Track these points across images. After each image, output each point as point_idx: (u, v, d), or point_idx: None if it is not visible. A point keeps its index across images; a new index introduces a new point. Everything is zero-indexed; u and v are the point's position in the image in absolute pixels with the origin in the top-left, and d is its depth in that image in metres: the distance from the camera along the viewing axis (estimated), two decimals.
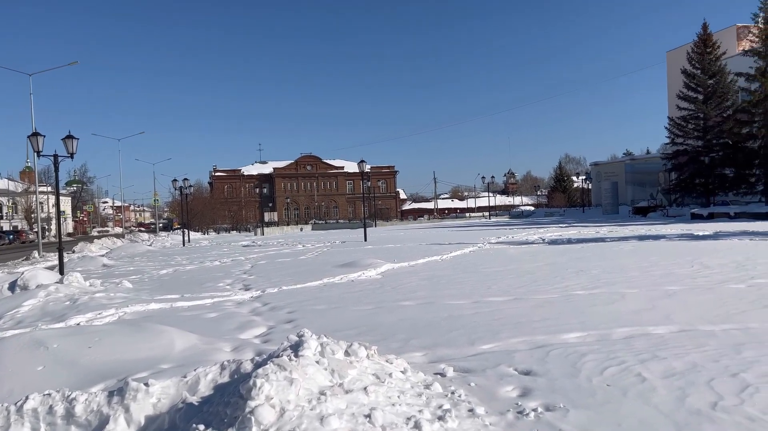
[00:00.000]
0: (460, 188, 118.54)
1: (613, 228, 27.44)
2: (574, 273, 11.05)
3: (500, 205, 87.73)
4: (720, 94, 41.15)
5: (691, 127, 42.45)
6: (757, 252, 13.23)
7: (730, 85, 40.83)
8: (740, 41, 48.46)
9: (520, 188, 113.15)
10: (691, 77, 42.36)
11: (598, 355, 5.06)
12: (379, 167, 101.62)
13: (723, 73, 41.21)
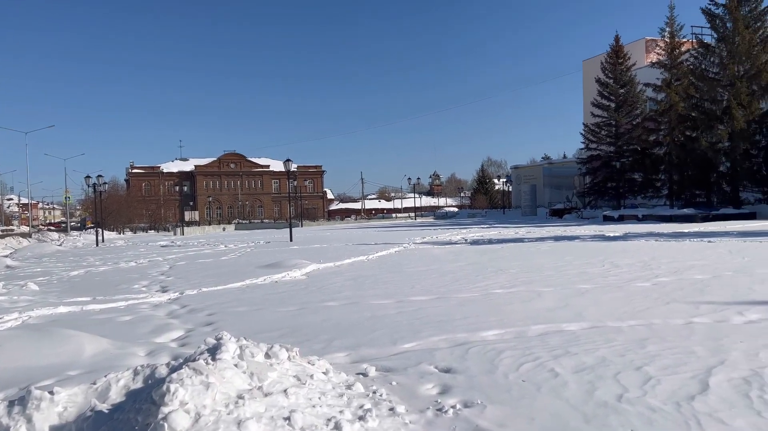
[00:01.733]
0: (387, 189, 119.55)
1: (531, 229, 28.51)
2: (494, 272, 11.38)
3: (426, 206, 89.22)
4: (630, 102, 43.68)
5: (604, 133, 44.79)
6: (662, 253, 14.11)
7: (639, 95, 43.40)
8: (648, 54, 51.58)
9: (444, 190, 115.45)
10: (604, 86, 44.71)
11: (514, 352, 5.23)
12: (306, 166, 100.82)
13: (633, 83, 43.76)
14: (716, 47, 35.76)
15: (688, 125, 36.92)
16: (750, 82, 34.04)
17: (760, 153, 34.79)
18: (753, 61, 33.97)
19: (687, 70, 37.59)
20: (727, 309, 6.76)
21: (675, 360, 4.76)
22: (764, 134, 34.60)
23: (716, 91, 35.59)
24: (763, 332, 5.63)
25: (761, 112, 33.99)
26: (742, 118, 33.13)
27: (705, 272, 10.14)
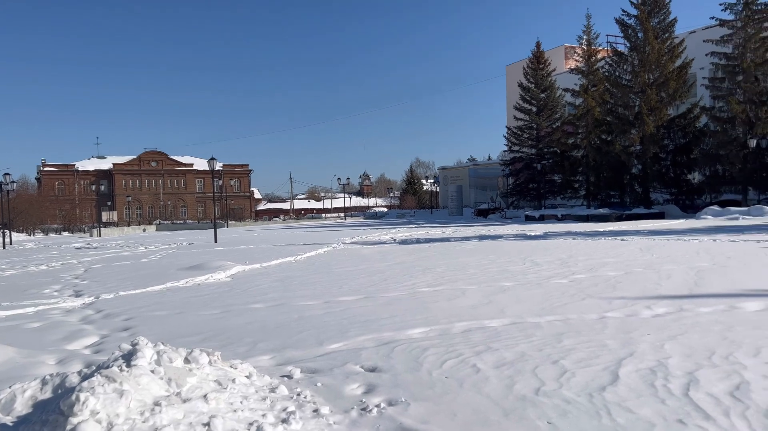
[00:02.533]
0: (316, 189, 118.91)
1: (457, 229, 29.14)
2: (421, 271, 11.55)
3: (356, 206, 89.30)
4: (550, 107, 45.50)
5: (526, 136, 46.43)
6: (578, 251, 14.77)
7: (559, 99, 45.31)
8: (567, 60, 53.94)
9: (374, 190, 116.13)
10: (526, 90, 46.34)
11: (438, 349, 5.32)
12: (233, 165, 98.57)
13: (553, 88, 45.61)
14: (629, 56, 37.84)
15: (604, 129, 38.86)
16: (659, 89, 36.23)
17: (668, 156, 37.10)
18: (662, 70, 36.17)
19: (602, 76, 39.57)
20: (636, 304, 7.15)
21: (589, 353, 4.99)
22: (672, 138, 36.94)
23: (629, 97, 37.65)
24: (669, 324, 5.99)
25: (669, 118, 36.26)
26: (652, 123, 35.22)
27: (618, 269, 10.69)
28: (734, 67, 33.02)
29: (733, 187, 33.83)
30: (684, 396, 3.83)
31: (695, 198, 36.79)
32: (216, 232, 29.12)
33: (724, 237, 17.20)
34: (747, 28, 32.40)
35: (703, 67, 36.00)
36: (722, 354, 4.80)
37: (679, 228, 22.25)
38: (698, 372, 4.33)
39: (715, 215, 28.34)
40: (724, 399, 3.75)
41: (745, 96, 32.38)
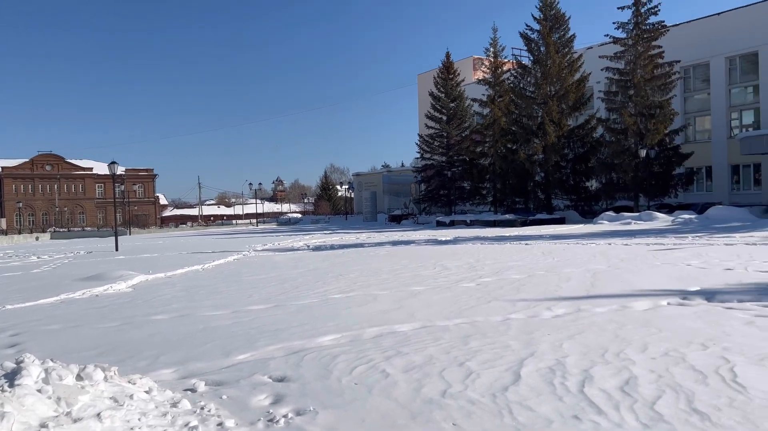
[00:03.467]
0: (227, 194, 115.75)
1: (371, 235, 29.33)
2: (334, 277, 11.50)
3: (268, 212, 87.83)
4: (460, 116, 46.87)
5: (437, 144, 47.55)
6: (486, 255, 15.27)
7: (468, 109, 46.76)
8: (476, 71, 55.83)
9: (288, 196, 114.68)
10: (437, 99, 47.50)
11: (349, 356, 5.30)
12: (136, 170, 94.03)
13: (462, 98, 47.03)
14: (532, 68, 39.71)
15: (510, 138, 40.51)
16: (560, 101, 38.27)
17: (568, 165, 39.21)
18: (562, 83, 38.24)
19: (508, 87, 41.27)
20: (538, 305, 7.48)
21: (493, 354, 5.15)
22: (571, 148, 39.07)
23: (532, 108, 39.50)
24: (567, 325, 6.31)
25: (569, 128, 38.36)
26: (553, 133, 37.12)
27: (522, 272, 11.15)
28: (626, 82, 35.46)
29: (626, 193, 36.23)
30: (579, 392, 4.04)
31: (593, 204, 39.09)
32: (117, 240, 27.63)
33: (618, 241, 18.38)
34: (637, 46, 34.91)
35: (599, 80, 38.41)
36: (614, 351, 5.11)
37: (578, 233, 23.55)
38: (593, 369, 4.58)
39: (611, 220, 30.26)
40: (614, 393, 3.99)
41: (636, 109, 34.84)
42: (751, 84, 36.91)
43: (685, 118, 39.12)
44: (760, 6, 35.69)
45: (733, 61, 37.52)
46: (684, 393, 3.93)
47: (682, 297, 7.65)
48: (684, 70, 38.58)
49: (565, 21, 38.98)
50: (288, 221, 65.46)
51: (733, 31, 36.61)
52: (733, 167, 37.67)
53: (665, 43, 35.07)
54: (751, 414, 3.50)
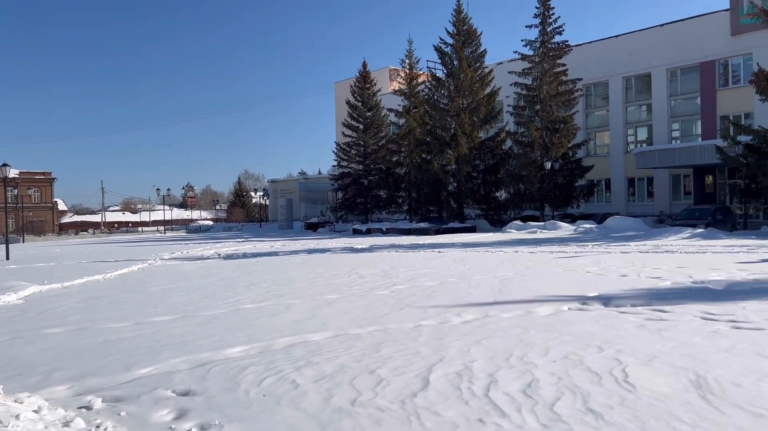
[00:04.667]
0: (133, 200, 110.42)
1: (286, 243, 28.93)
2: (246, 287, 11.24)
3: (178, 219, 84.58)
4: (376, 125, 47.35)
5: (354, 152, 47.77)
6: (400, 262, 15.47)
7: (384, 119, 47.34)
8: (392, 82, 56.65)
9: (199, 202, 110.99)
10: (354, 108, 47.75)
11: (258, 367, 5.19)
12: (32, 173, 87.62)
13: (378, 108, 47.56)
14: (446, 81, 40.80)
15: (424, 149, 41.35)
16: (472, 114, 39.54)
17: (479, 175, 40.52)
18: (474, 96, 39.55)
19: (423, 99, 42.17)
20: (448, 312, 7.65)
21: (404, 361, 5.21)
22: (482, 159, 40.43)
23: (446, 119, 40.55)
24: (475, 330, 6.49)
25: (480, 140, 39.70)
26: (465, 144, 38.28)
27: (434, 279, 11.38)
28: (533, 97, 37.19)
29: (532, 203, 37.90)
30: (485, 396, 4.16)
31: (502, 213, 40.60)
32: (8, 248, 25.62)
33: (525, 249, 19.18)
34: (543, 63, 36.73)
35: (508, 95, 40.07)
36: (518, 355, 5.31)
37: (488, 241, 24.36)
38: (498, 373, 4.73)
39: (518, 229, 31.54)
40: (517, 396, 4.14)
41: (542, 123, 36.60)
42: (645, 103, 39.77)
43: (586, 132, 41.52)
44: (651, 31, 38.62)
45: (629, 80, 40.30)
46: (581, 393, 4.14)
47: (581, 303, 8.07)
48: (586, 88, 41.00)
49: (477, 36, 40.39)
50: (198, 228, 63.27)
51: (628, 53, 39.36)
52: (629, 180, 40.36)
53: (569, 62, 37.13)
54: (639, 412, 3.73)
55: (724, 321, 6.48)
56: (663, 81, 38.24)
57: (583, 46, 40.82)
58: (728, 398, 3.93)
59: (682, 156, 33.12)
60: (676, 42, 37.16)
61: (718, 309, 7.18)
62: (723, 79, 36.07)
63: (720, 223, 26.95)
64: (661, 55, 37.91)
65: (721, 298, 7.99)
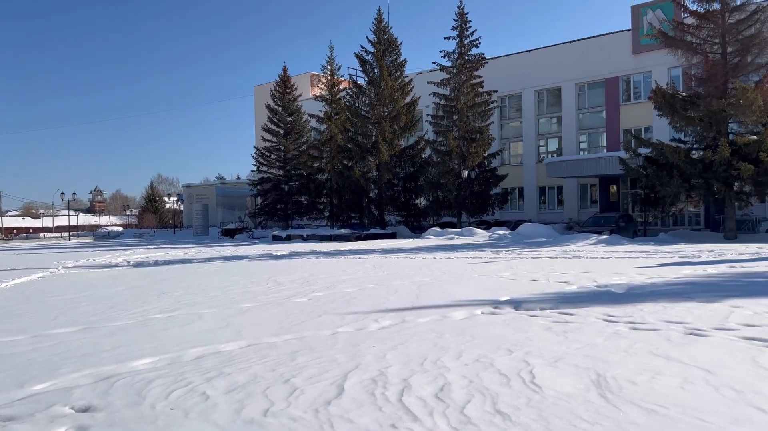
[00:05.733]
0: (34, 205, 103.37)
1: (201, 250, 28.05)
2: (156, 296, 10.78)
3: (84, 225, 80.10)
4: (297, 130, 46.94)
5: (274, 157, 47.09)
6: (320, 269, 15.37)
7: (305, 124, 47.01)
8: (313, 87, 56.39)
9: (108, 207, 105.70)
10: (274, 112, 47.13)
11: (166, 379, 4.98)
12: None
13: (299, 113, 47.19)
14: (367, 89, 41.12)
15: (346, 155, 41.42)
16: (392, 122, 40.05)
17: (400, 182, 41.06)
18: (394, 104, 40.09)
19: (344, 106, 42.27)
20: (366, 318, 7.67)
21: (319, 369, 5.17)
22: (403, 167, 41.01)
23: (367, 127, 40.84)
24: (392, 336, 6.54)
25: (401, 148, 40.27)
26: (386, 152, 38.69)
27: (353, 286, 11.39)
28: (451, 107, 38.16)
29: (450, 210, 38.83)
30: (398, 401, 4.19)
31: (422, 220, 41.33)
32: None
33: (443, 254, 19.60)
34: (461, 74, 37.79)
35: (428, 104, 40.90)
36: (432, 359, 5.40)
37: (408, 247, 24.71)
38: (412, 378, 4.79)
39: (437, 235, 32.20)
40: (430, 400, 4.20)
41: (460, 133, 37.61)
42: (556, 115, 41.78)
43: (501, 142, 43.07)
44: (561, 47, 40.69)
45: (541, 94, 42.22)
46: (490, 395, 4.26)
47: (494, 307, 8.33)
48: (501, 100, 42.57)
49: (398, 46, 41.01)
50: (107, 235, 60.09)
51: (540, 68, 41.25)
52: (541, 188, 42.21)
53: (485, 74, 38.41)
54: (544, 412, 3.89)
55: (624, 322, 6.88)
56: (572, 95, 40.34)
57: (499, 59, 42.38)
58: (624, 395, 4.17)
59: (588, 166, 35.04)
60: (584, 58, 39.35)
61: (619, 311, 7.62)
62: (626, 94, 38.52)
63: (623, 230, 28.69)
64: (570, 71, 40.00)
65: (622, 301, 8.49)
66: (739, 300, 8.22)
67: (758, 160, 23.79)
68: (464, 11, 37.76)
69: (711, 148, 25.37)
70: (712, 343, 5.74)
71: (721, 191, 25.02)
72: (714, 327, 6.44)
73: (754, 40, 25.05)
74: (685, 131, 27.32)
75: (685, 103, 25.86)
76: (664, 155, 26.05)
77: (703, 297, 8.48)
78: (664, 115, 26.87)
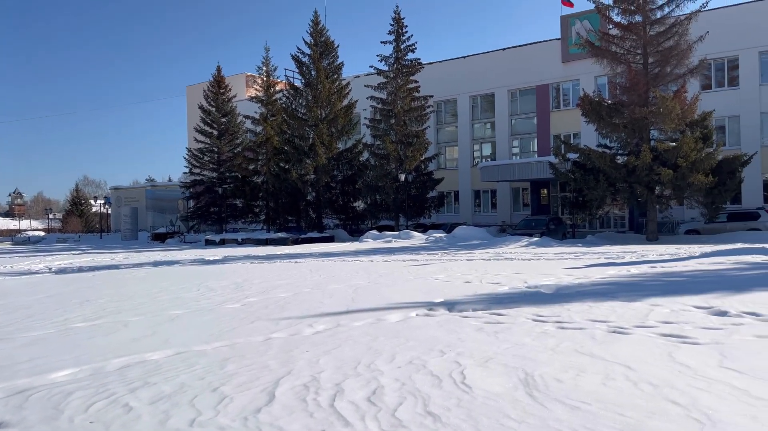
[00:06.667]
0: None
1: (130, 255, 26.99)
2: (79, 304, 10.27)
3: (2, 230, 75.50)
4: (231, 132, 45.98)
5: (207, 159, 45.93)
6: (254, 274, 15.09)
7: (240, 125, 46.13)
8: (248, 88, 55.44)
9: (29, 210, 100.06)
10: (207, 113, 45.99)
11: (87, 391, 4.74)
12: None
13: (234, 114, 46.25)
14: (304, 91, 40.80)
15: (282, 158, 40.93)
16: (330, 125, 39.90)
17: (338, 185, 40.95)
18: (332, 107, 39.96)
19: (281, 107, 41.77)
20: (300, 323, 7.58)
21: (250, 376, 5.05)
22: (341, 170, 40.93)
23: (304, 129, 40.52)
24: (326, 340, 6.49)
25: (338, 151, 40.18)
26: (324, 154, 38.49)
27: (288, 290, 11.23)
28: (388, 111, 38.42)
29: (388, 214, 39.05)
30: (330, 406, 4.16)
31: (360, 223, 41.35)
32: None
33: (380, 257, 19.67)
34: (398, 79, 38.11)
35: (365, 108, 41.01)
36: (366, 363, 5.39)
37: (345, 251, 24.65)
38: (345, 382, 4.76)
39: (374, 238, 32.29)
40: (362, 404, 4.18)
41: (397, 137, 37.91)
42: (489, 121, 42.83)
43: (437, 147, 43.73)
44: (494, 54, 41.77)
45: (475, 99, 43.18)
46: (422, 397, 4.29)
47: (428, 309, 8.42)
48: (437, 104, 43.27)
49: (335, 49, 40.93)
50: (27, 240, 56.82)
51: (474, 74, 42.20)
52: (476, 192, 43.14)
53: (421, 79, 38.90)
54: (473, 412, 3.95)
55: (552, 322, 7.10)
56: (505, 101, 41.47)
57: (435, 64, 43.04)
58: (551, 393, 4.29)
59: (520, 171, 36.09)
60: (516, 65, 40.55)
61: (547, 311, 7.86)
62: (556, 101, 39.95)
63: (553, 233, 29.70)
64: (502, 77, 41.13)
65: (550, 301, 8.77)
66: (658, 298, 8.65)
67: (677, 166, 25.19)
68: (401, 16, 38.14)
69: (634, 153, 26.67)
70: (633, 341, 6.00)
71: (644, 195, 26.33)
72: (635, 325, 6.75)
73: (673, 52, 26.54)
74: (610, 137, 28.62)
75: (610, 111, 27.08)
76: (591, 160, 27.16)
77: (625, 297, 8.88)
78: (591, 121, 28.05)
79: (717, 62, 33.64)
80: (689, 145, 24.97)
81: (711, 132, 27.65)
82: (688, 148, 24.94)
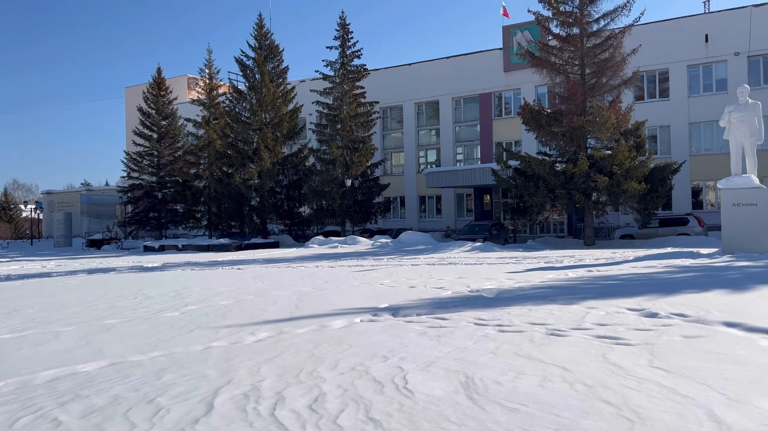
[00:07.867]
0: None
1: (62, 262, 25.85)
2: (6, 314, 9.75)
3: None
4: (172, 135, 44.82)
5: (147, 163, 44.60)
6: (195, 281, 14.71)
7: (181, 128, 45.01)
8: (190, 91, 54.21)
9: None
10: (147, 116, 44.68)
11: (12, 406, 4.50)
12: None
13: (175, 117, 45.12)
14: (248, 94, 40.23)
15: (225, 161, 40.17)
16: (275, 129, 39.48)
17: (283, 190, 40.52)
18: (276, 111, 39.57)
19: (224, 111, 41.02)
20: (242, 331, 7.43)
21: (188, 386, 4.91)
22: (286, 175, 40.52)
23: (248, 133, 39.92)
24: (268, 348, 6.39)
25: (284, 156, 39.77)
26: (268, 159, 38.02)
27: (230, 297, 11.00)
28: (334, 117, 38.36)
29: (334, 219, 38.94)
30: (270, 415, 4.09)
31: (305, 228, 41.04)
32: None
33: (325, 263, 19.55)
34: (344, 84, 38.13)
35: (311, 113, 40.82)
36: (308, 370, 5.33)
37: (290, 257, 24.38)
38: (286, 390, 4.70)
39: (320, 244, 32.10)
40: (303, 412, 4.14)
41: (343, 142, 37.89)
42: (434, 127, 43.41)
43: (384, 152, 43.99)
44: (439, 62, 42.42)
45: (421, 106, 43.69)
46: (364, 403, 4.28)
47: (373, 314, 8.42)
48: (383, 111, 43.54)
49: (279, 52, 40.58)
50: None
51: (420, 81, 42.71)
52: (421, 198, 43.59)
53: (367, 85, 39.05)
54: (414, 416, 3.97)
55: (493, 325, 7.23)
56: (449, 108, 42.15)
57: (381, 71, 43.31)
58: (490, 396, 4.37)
59: (464, 177, 36.74)
60: (460, 74, 41.29)
61: (488, 314, 8.00)
62: (498, 109, 40.89)
63: (495, 238, 30.34)
64: (447, 85, 41.79)
65: (492, 305, 8.93)
66: (594, 301, 8.94)
67: (612, 173, 26.23)
68: (346, 22, 38.20)
69: (572, 161, 27.60)
70: (570, 342, 6.18)
71: (581, 201, 27.27)
72: (572, 327, 6.95)
73: (608, 63, 27.67)
74: (549, 145, 29.52)
75: (549, 120, 27.94)
76: (531, 167, 27.93)
77: (563, 300, 9.14)
78: (531, 129, 28.87)
79: (649, 74, 35.29)
80: (624, 154, 26.05)
81: (644, 141, 28.96)
82: (623, 156, 26.01)
